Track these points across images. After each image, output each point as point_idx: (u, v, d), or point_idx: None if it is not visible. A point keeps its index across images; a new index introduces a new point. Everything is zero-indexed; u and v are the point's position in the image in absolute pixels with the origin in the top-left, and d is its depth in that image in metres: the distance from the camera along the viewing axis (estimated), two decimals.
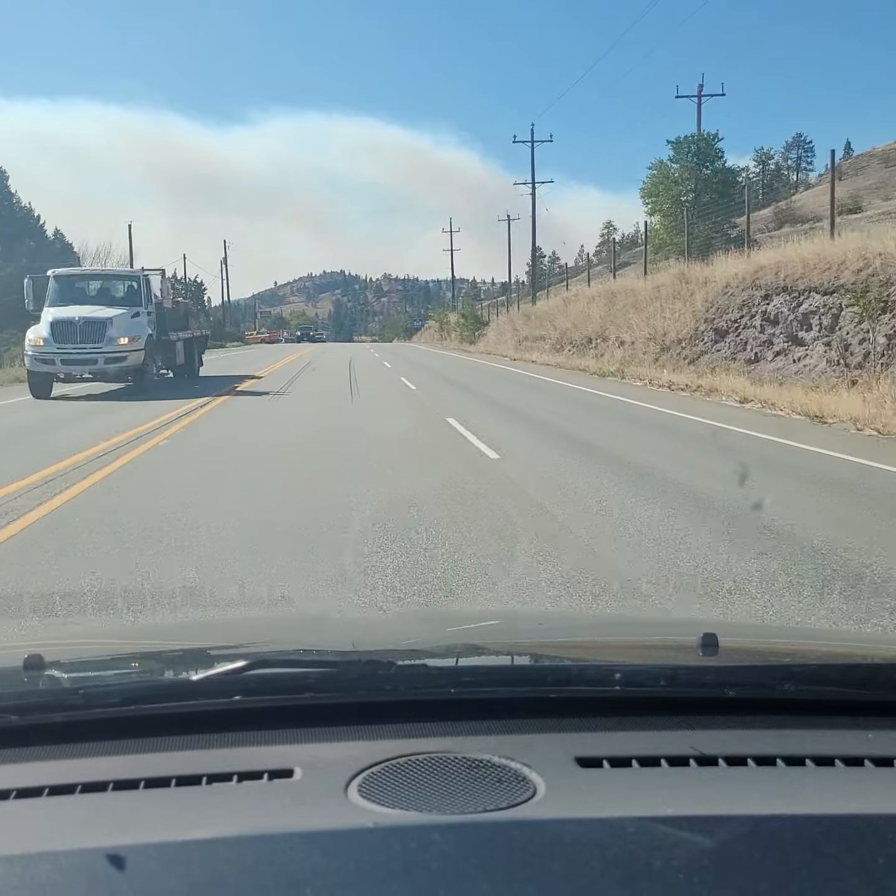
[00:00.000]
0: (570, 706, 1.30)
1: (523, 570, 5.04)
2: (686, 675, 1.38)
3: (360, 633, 2.12)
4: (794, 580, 4.79)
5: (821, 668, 1.47)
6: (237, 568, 5.12)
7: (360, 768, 1.13)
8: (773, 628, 3.62)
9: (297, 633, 2.10)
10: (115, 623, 4.31)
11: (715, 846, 0.97)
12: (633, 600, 4.60)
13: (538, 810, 1.04)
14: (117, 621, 4.30)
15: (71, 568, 5.11)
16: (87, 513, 6.61)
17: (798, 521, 6.21)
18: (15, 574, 5.02)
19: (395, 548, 5.52)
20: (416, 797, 1.07)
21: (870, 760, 1.19)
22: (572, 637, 1.99)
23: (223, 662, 1.33)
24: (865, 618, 4.20)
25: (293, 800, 1.08)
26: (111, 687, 1.35)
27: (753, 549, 5.46)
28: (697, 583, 4.88)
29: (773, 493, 7.09)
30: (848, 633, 3.76)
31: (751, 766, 1.17)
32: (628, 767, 1.16)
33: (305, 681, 1.30)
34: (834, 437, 10.99)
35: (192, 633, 2.43)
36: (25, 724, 1.24)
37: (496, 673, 1.49)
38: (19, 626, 4.17)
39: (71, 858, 0.96)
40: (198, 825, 1.03)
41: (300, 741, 1.23)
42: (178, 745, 1.22)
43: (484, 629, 2.19)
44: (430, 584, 4.81)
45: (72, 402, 17.18)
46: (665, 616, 4.27)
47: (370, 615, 4.27)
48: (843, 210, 29.38)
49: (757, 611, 4.32)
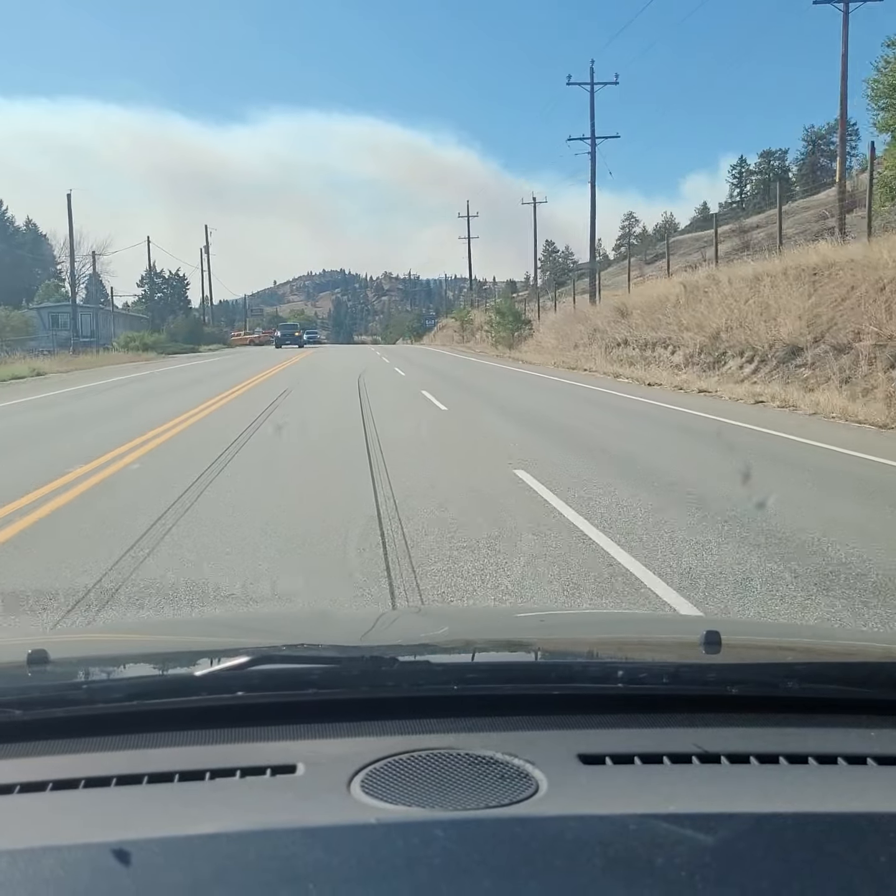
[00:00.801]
0: (573, 703, 1.30)
1: None
2: (689, 673, 1.38)
3: (363, 629, 2.12)
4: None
5: (823, 666, 1.47)
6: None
7: (363, 764, 1.13)
8: (776, 626, 3.62)
9: (300, 629, 2.10)
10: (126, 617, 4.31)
11: (717, 844, 0.97)
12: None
13: (540, 807, 1.04)
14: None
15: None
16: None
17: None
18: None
19: None
20: (419, 793, 1.07)
21: (872, 759, 1.19)
22: (575, 634, 2.00)
23: (226, 658, 1.33)
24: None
25: (296, 795, 1.08)
26: (114, 682, 1.35)
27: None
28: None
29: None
30: (851, 631, 3.75)
31: (753, 764, 1.17)
32: (631, 764, 1.16)
33: (308, 677, 1.30)
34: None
35: (196, 629, 2.43)
36: (29, 718, 1.24)
37: (499, 670, 1.49)
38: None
39: (74, 853, 0.96)
40: (201, 820, 1.03)
41: (303, 737, 1.23)
42: (182, 741, 1.22)
43: (486, 626, 2.19)
44: None
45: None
46: (668, 613, 4.27)
47: (373, 611, 4.26)
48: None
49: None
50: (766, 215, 45.32)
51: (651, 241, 66.71)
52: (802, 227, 34.29)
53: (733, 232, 45.53)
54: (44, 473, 8.19)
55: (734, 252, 33.84)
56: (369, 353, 46.14)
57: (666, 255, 33.74)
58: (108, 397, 19.78)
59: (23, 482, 7.79)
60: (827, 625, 4.08)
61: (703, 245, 45.35)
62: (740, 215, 54.27)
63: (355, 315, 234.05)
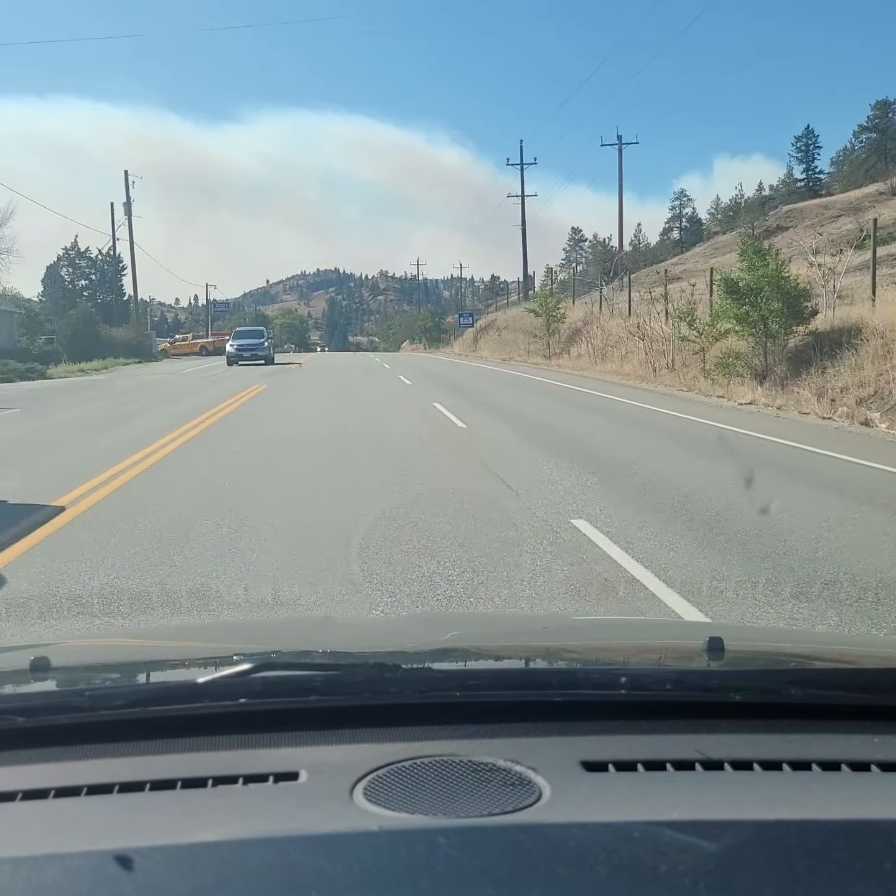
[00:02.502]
0: (576, 710, 1.30)
1: None
2: (692, 679, 1.38)
3: (366, 635, 2.12)
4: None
5: (827, 673, 1.47)
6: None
7: (366, 771, 1.13)
8: (779, 631, 3.61)
9: (302, 636, 2.10)
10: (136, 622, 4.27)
11: (720, 851, 0.97)
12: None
13: (543, 814, 1.04)
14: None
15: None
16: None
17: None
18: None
19: None
20: (422, 800, 1.07)
21: (876, 765, 1.18)
22: (578, 640, 1.99)
23: (228, 665, 1.33)
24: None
25: (298, 803, 1.08)
26: (117, 689, 1.35)
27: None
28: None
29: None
30: (854, 637, 3.75)
31: (757, 771, 1.17)
32: (634, 771, 1.16)
33: (311, 683, 1.30)
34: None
35: (198, 635, 2.43)
36: (32, 725, 1.24)
37: (501, 676, 1.49)
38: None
39: (77, 861, 0.96)
40: (203, 828, 1.03)
41: (305, 744, 1.23)
42: (184, 748, 1.22)
43: (489, 632, 2.19)
44: None
45: None
46: (671, 619, 4.26)
47: (376, 617, 4.26)
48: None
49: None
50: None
51: (752, 212, 51.88)
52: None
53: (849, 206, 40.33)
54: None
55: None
56: (393, 384, 23.12)
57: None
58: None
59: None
60: (831, 631, 4.08)
61: (839, 213, 40.63)
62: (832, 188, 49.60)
63: (350, 315, 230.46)
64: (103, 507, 7.05)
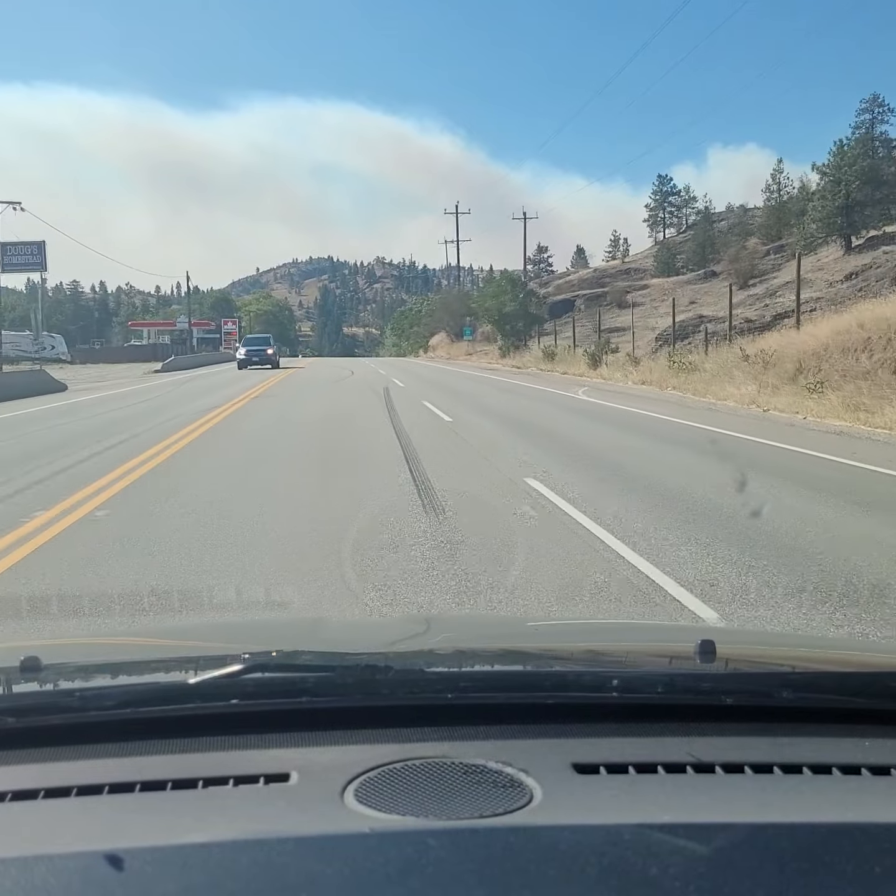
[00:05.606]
0: (568, 712, 1.30)
1: None
2: (683, 682, 1.38)
3: (358, 637, 2.11)
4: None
5: (818, 676, 1.48)
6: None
7: (357, 773, 1.13)
8: (771, 635, 3.62)
9: (294, 636, 2.09)
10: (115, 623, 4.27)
11: (711, 854, 0.97)
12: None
13: (534, 816, 1.04)
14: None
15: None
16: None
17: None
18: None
19: None
20: (413, 802, 1.07)
21: (867, 769, 1.19)
22: (569, 643, 1.99)
23: (220, 666, 1.32)
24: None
25: (289, 804, 1.08)
26: (107, 690, 1.34)
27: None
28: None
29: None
30: (845, 641, 3.75)
31: (748, 774, 1.17)
32: (625, 774, 1.16)
33: (302, 685, 1.30)
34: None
35: (190, 635, 2.42)
36: (21, 726, 1.23)
37: (493, 678, 1.48)
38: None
39: (66, 861, 0.96)
40: (193, 829, 1.02)
41: (297, 745, 1.22)
42: (175, 749, 1.22)
43: (481, 634, 2.19)
44: None
45: None
46: (663, 622, 4.27)
47: (368, 619, 4.25)
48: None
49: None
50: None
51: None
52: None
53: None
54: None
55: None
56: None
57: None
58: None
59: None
60: (823, 634, 4.08)
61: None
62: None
63: (344, 304, 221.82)
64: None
